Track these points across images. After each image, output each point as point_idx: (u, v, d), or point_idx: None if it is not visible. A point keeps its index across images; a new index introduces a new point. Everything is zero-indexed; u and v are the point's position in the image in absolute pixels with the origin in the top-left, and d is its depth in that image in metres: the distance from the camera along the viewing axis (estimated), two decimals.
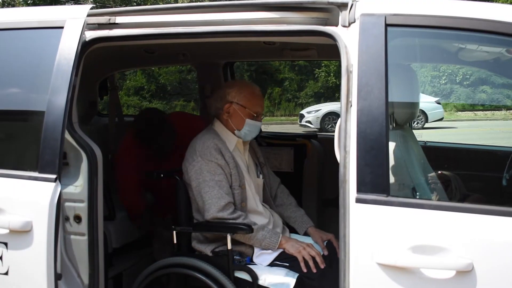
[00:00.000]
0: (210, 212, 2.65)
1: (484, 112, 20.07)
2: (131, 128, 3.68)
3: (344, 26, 2.21)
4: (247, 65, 21.52)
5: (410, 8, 2.15)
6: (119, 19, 2.54)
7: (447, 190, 2.68)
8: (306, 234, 2.94)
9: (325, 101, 23.24)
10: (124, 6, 18.04)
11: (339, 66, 2.15)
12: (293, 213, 3.03)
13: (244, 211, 2.77)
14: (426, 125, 15.31)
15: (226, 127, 2.88)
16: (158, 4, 19.90)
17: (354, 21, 2.18)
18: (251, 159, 3.02)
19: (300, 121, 18.16)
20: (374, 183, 1.99)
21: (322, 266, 2.61)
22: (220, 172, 2.72)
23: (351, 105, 2.07)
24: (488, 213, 1.91)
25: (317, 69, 24.22)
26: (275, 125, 18.07)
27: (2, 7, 20.86)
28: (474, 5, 2.13)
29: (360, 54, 2.10)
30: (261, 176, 3.02)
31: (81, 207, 2.48)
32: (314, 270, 2.58)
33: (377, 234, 1.98)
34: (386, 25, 2.09)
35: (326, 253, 2.72)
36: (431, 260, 1.91)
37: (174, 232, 2.81)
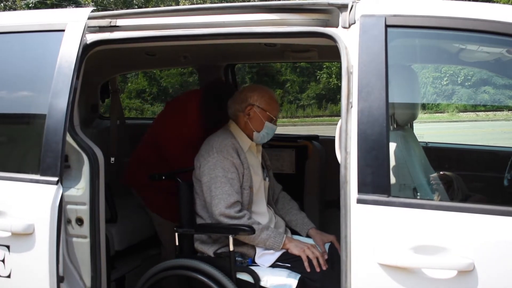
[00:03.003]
0: (219, 207, 2.67)
1: (486, 113, 20.03)
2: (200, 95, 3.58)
3: (344, 27, 2.21)
4: (249, 67, 21.51)
5: (410, 9, 2.16)
6: (120, 22, 2.55)
7: (449, 190, 2.68)
8: (307, 236, 2.95)
9: (327, 103, 23.21)
10: (126, 9, 18.03)
11: (341, 67, 2.15)
12: (294, 216, 3.05)
13: (250, 212, 2.79)
14: (429, 125, 15.22)
15: (244, 129, 2.92)
16: (160, 6, 19.90)
17: (354, 22, 2.18)
18: (259, 162, 3.05)
19: None
20: (375, 184, 2.00)
21: (324, 268, 2.61)
22: (233, 171, 2.75)
23: (351, 106, 2.08)
24: (489, 213, 1.91)
25: (318, 71, 24.19)
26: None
27: (4, 10, 20.91)
28: (474, 6, 2.13)
29: (361, 55, 2.10)
30: (267, 179, 3.04)
31: (83, 210, 2.49)
32: (318, 270, 2.59)
33: (378, 234, 1.99)
34: (386, 26, 2.10)
35: (326, 257, 2.73)
36: (432, 260, 1.91)
37: (176, 234, 2.82)
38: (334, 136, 2.17)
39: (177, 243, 2.83)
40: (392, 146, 2.32)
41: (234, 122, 2.96)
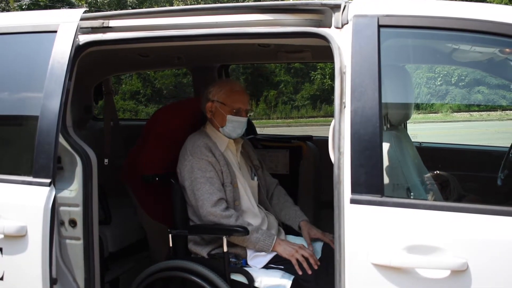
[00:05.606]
0: (204, 208, 2.68)
1: (480, 113, 20.08)
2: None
3: (337, 28, 2.22)
4: (243, 68, 21.51)
5: (403, 9, 2.16)
6: (112, 23, 2.54)
7: (445, 190, 2.68)
8: (299, 227, 2.96)
9: (321, 104, 23.21)
10: (119, 10, 17.97)
11: (334, 68, 2.15)
12: (288, 210, 3.05)
13: (238, 210, 2.79)
14: (423, 125, 15.23)
15: (213, 126, 2.92)
16: (153, 7, 19.83)
17: (347, 23, 2.18)
18: (243, 161, 3.04)
19: None
20: (369, 184, 1.99)
21: (315, 267, 2.61)
22: (211, 169, 2.75)
23: (344, 106, 2.08)
24: (482, 212, 1.91)
25: (312, 72, 24.20)
26: (271, 128, 18.03)
27: None
28: (466, 6, 2.14)
29: (353, 55, 2.10)
30: (255, 178, 3.03)
31: (76, 211, 2.48)
32: (309, 272, 2.58)
33: (372, 234, 1.98)
34: (379, 26, 2.10)
35: (311, 248, 2.75)
36: (426, 260, 1.91)
37: (170, 235, 2.81)
38: (328, 137, 2.17)
39: (170, 244, 2.82)
40: (386, 146, 2.32)
41: (209, 122, 2.97)
